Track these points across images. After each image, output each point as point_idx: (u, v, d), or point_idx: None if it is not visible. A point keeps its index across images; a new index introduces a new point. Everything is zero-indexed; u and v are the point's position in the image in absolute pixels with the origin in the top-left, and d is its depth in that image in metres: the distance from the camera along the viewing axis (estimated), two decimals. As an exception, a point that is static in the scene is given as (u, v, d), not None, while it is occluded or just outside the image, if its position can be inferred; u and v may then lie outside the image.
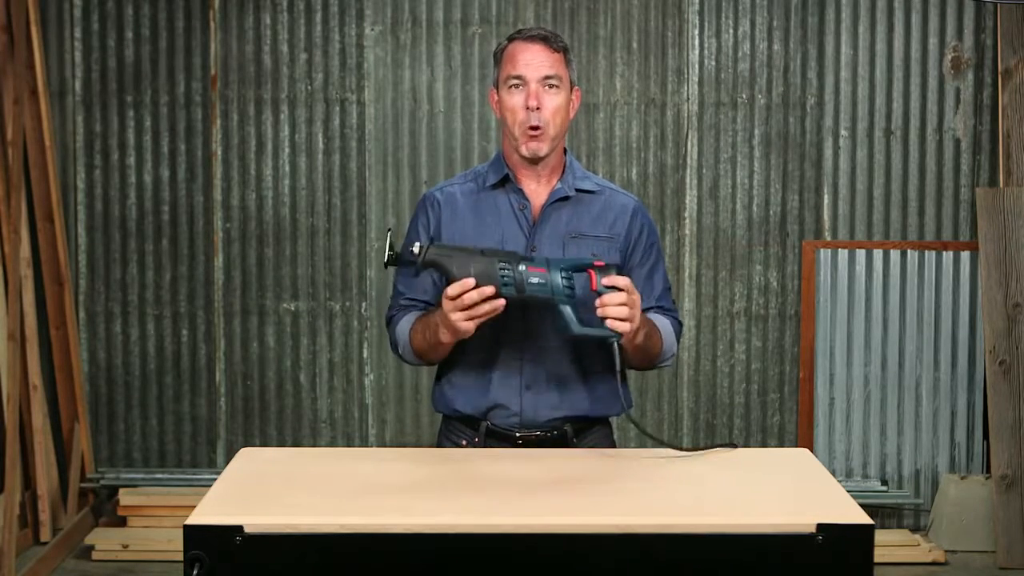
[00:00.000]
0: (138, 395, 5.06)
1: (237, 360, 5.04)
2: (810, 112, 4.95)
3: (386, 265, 2.22)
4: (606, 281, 2.23)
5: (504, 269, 2.18)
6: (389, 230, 2.33)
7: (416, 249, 2.19)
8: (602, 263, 2.25)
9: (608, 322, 2.22)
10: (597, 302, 2.22)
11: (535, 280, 2.19)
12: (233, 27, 4.93)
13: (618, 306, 2.21)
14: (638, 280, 2.50)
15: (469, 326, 2.23)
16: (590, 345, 2.36)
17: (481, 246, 2.29)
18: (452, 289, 2.18)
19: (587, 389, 2.44)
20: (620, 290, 2.22)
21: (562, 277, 2.21)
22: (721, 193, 4.97)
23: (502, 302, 2.19)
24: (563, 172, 2.49)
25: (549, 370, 2.42)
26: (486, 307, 2.19)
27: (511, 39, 2.46)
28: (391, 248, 2.20)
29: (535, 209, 2.46)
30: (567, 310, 2.22)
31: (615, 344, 2.25)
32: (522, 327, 2.40)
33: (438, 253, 2.19)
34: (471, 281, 2.17)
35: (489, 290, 2.17)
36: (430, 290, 2.47)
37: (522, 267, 2.20)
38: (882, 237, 4.98)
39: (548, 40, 2.42)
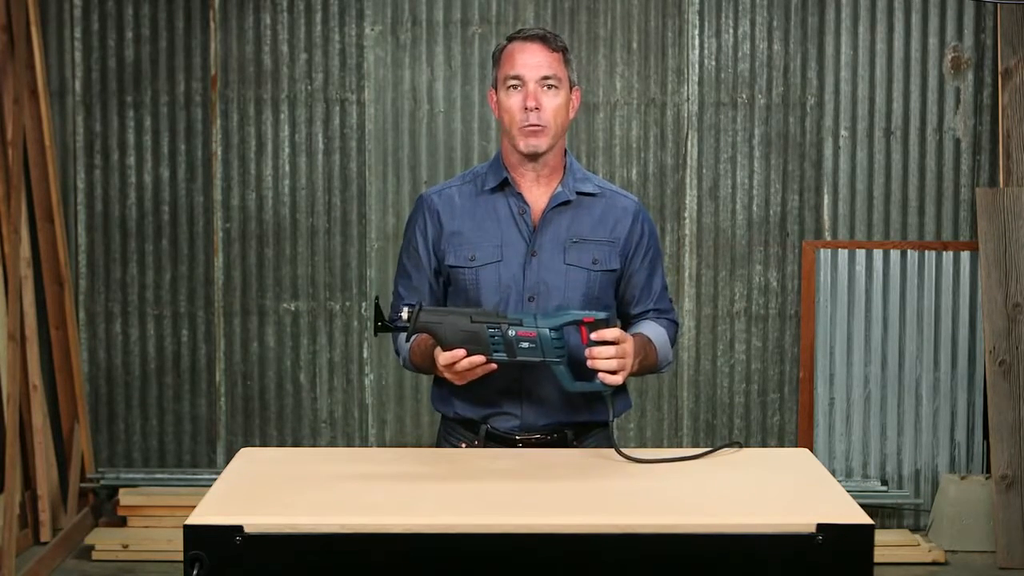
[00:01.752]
0: (138, 395, 5.06)
1: (237, 360, 5.04)
2: (810, 112, 4.95)
3: (375, 333, 2.22)
4: (595, 336, 2.22)
5: (494, 335, 2.17)
6: (376, 297, 2.30)
7: (405, 315, 2.17)
8: (592, 319, 2.22)
9: (599, 375, 2.22)
10: (587, 353, 2.22)
11: (525, 344, 2.18)
12: (233, 27, 4.93)
13: (607, 359, 2.21)
14: (638, 282, 2.51)
15: (462, 383, 2.26)
16: None
17: (475, 309, 2.26)
18: (443, 359, 2.19)
19: (589, 396, 2.44)
20: (611, 342, 2.22)
21: (552, 337, 2.19)
22: (721, 193, 4.97)
23: (494, 366, 2.21)
24: (563, 174, 2.47)
25: (550, 376, 2.41)
26: (478, 371, 2.21)
27: (510, 39, 2.44)
28: (379, 317, 2.19)
29: (535, 213, 2.44)
30: (560, 368, 2.23)
31: (608, 397, 2.27)
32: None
33: (427, 320, 2.17)
34: (461, 352, 2.16)
35: (479, 359, 2.17)
36: (428, 297, 2.47)
37: (512, 332, 2.17)
38: (882, 237, 4.98)
39: (546, 40, 2.40)
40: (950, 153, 4.95)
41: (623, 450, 2.19)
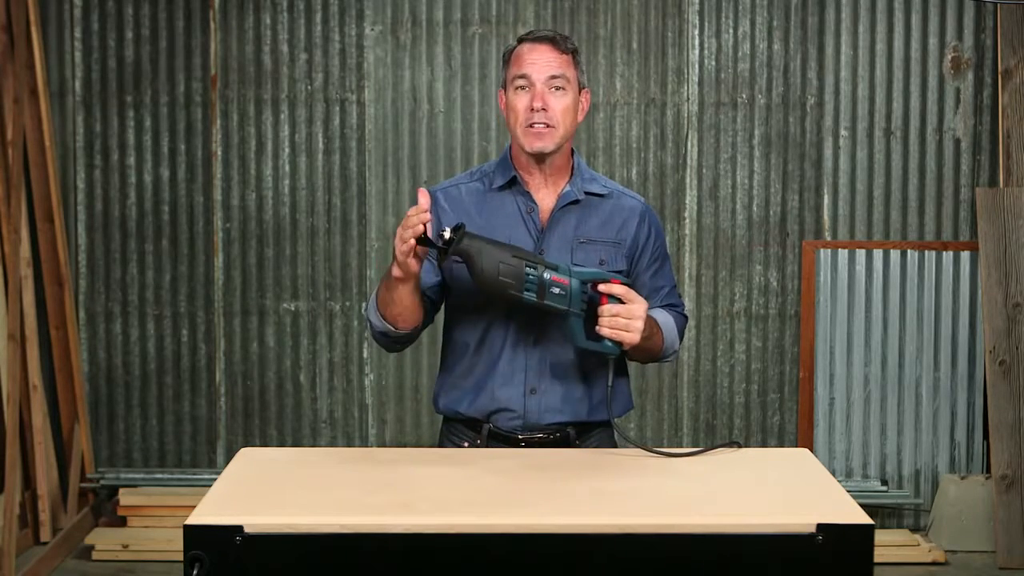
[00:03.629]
0: (138, 395, 5.06)
1: (237, 360, 5.04)
2: (810, 112, 4.95)
3: (416, 245, 2.17)
4: (603, 288, 2.24)
5: (531, 274, 2.18)
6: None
7: (448, 234, 2.15)
8: (617, 280, 2.25)
9: (605, 331, 2.24)
10: (600, 311, 2.24)
11: (556, 290, 2.20)
12: (233, 27, 4.93)
13: (613, 317, 2.24)
14: (644, 283, 2.50)
15: (402, 250, 2.18)
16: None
17: (514, 246, 2.26)
18: (411, 211, 2.17)
19: (590, 393, 2.44)
20: (619, 300, 2.24)
21: (580, 290, 2.22)
22: (721, 193, 4.97)
23: (412, 263, 2.16)
24: (571, 174, 2.48)
25: (553, 373, 2.41)
26: (411, 239, 2.15)
27: (520, 40, 2.45)
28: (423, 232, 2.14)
29: (543, 213, 2.45)
30: (577, 323, 2.24)
31: (611, 360, 2.29)
32: (527, 330, 2.40)
33: (469, 245, 2.15)
34: (425, 209, 2.15)
35: (424, 223, 2.14)
36: (431, 290, 2.46)
37: (547, 275, 2.19)
38: (882, 237, 4.98)
39: (556, 41, 2.41)
40: (950, 153, 4.95)
41: (654, 448, 2.19)
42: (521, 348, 2.40)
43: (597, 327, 2.25)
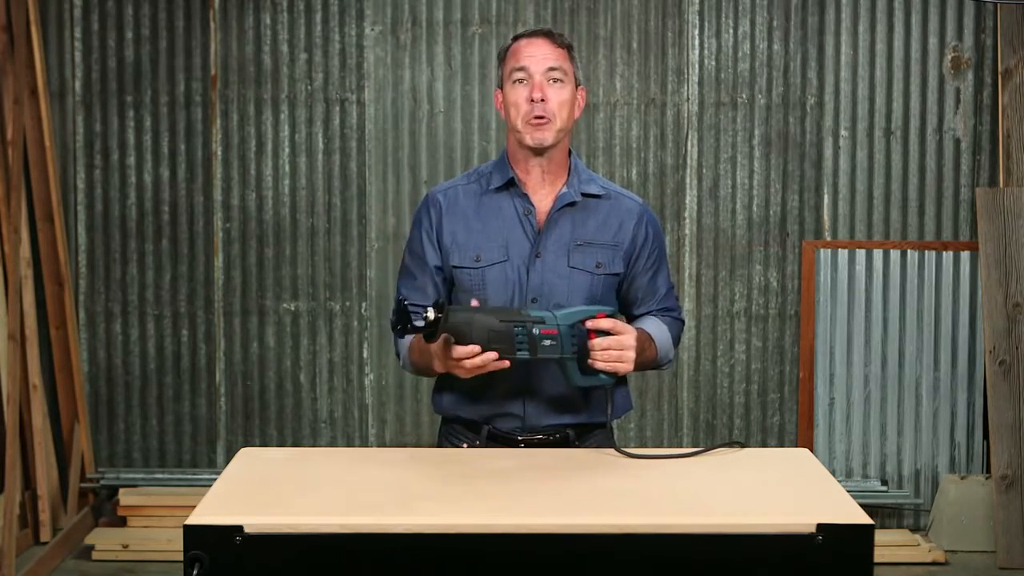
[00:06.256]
0: (138, 395, 5.06)
1: (237, 360, 5.04)
2: (810, 112, 4.95)
3: (402, 335, 2.14)
4: (591, 324, 2.25)
5: (520, 333, 2.19)
6: (403, 300, 2.17)
7: (431, 315, 2.13)
8: (603, 315, 2.26)
9: (599, 365, 2.26)
10: (590, 344, 2.25)
11: (547, 343, 2.21)
12: (233, 27, 4.93)
13: (605, 350, 2.25)
14: (641, 284, 2.50)
15: (467, 377, 2.23)
16: None
17: (497, 307, 2.27)
18: (459, 353, 2.16)
19: (588, 395, 2.44)
20: (607, 333, 2.25)
21: (570, 334, 2.23)
22: (721, 193, 4.97)
23: (506, 363, 2.18)
24: (568, 175, 2.47)
25: (552, 375, 2.41)
26: (490, 367, 2.18)
27: (515, 38, 2.45)
28: (404, 320, 2.12)
29: (540, 215, 2.44)
30: (571, 365, 2.27)
31: (608, 391, 2.33)
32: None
33: (456, 321, 2.15)
34: (477, 348, 2.15)
35: (492, 355, 2.16)
36: (432, 295, 2.46)
37: (536, 330, 2.20)
38: (882, 237, 4.98)
39: (551, 36, 2.41)
40: (950, 153, 4.95)
41: (624, 448, 2.19)
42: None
43: (590, 361, 2.26)
